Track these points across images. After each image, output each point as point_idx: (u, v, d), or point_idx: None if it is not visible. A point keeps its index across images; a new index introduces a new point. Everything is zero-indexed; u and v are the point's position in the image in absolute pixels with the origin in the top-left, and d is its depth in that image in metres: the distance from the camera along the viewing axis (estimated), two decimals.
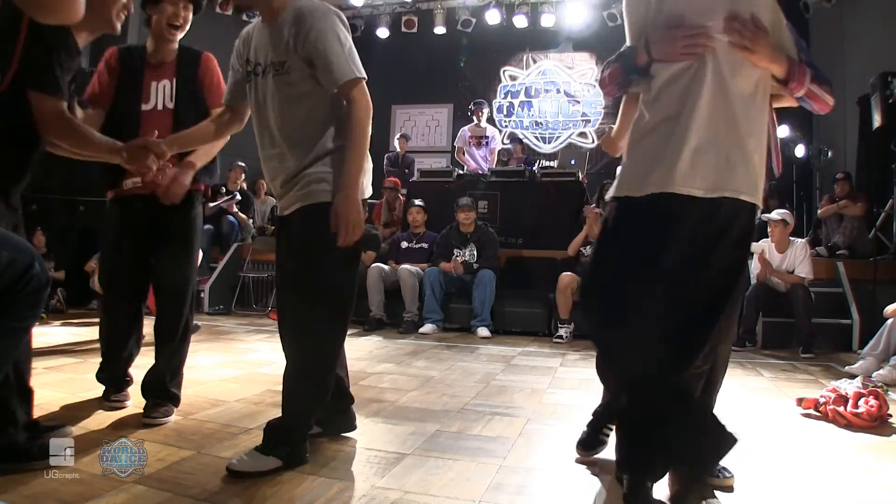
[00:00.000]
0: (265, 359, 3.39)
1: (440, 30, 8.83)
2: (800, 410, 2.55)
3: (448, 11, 8.82)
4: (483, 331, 4.69)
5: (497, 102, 9.54)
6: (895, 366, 3.18)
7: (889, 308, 3.37)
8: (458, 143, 6.95)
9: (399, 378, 3.01)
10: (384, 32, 8.99)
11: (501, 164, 6.75)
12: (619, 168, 1.55)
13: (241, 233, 6.56)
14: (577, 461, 1.85)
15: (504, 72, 9.64)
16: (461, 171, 6.48)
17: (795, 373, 3.55)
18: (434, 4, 8.82)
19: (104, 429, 1.99)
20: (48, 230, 5.40)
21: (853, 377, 2.92)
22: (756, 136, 1.43)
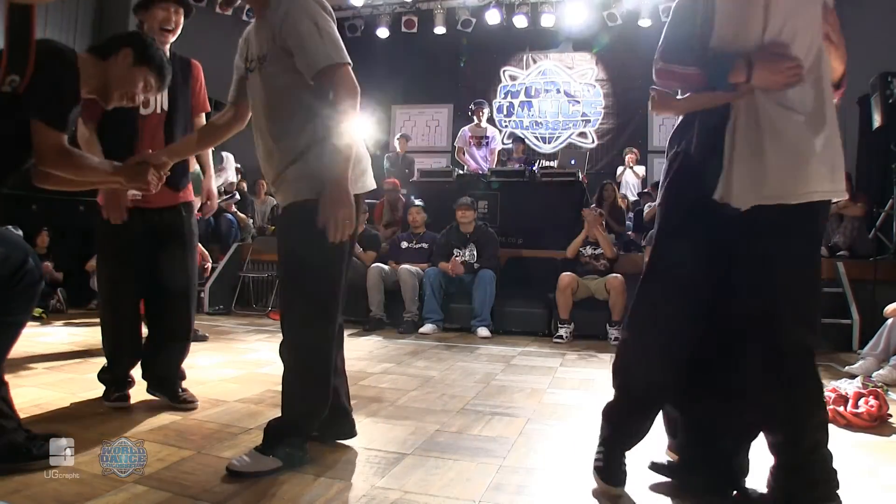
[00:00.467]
0: (265, 359, 3.39)
1: (440, 30, 8.83)
2: None
3: (448, 11, 8.82)
4: (483, 331, 4.69)
5: (497, 102, 9.55)
6: (895, 366, 3.18)
7: (889, 308, 3.37)
8: (459, 143, 6.95)
9: (399, 378, 3.01)
10: (384, 32, 8.99)
11: (500, 165, 6.75)
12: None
13: (241, 233, 6.57)
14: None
15: (504, 72, 9.64)
16: (461, 171, 6.48)
17: None
18: (434, 4, 8.82)
19: (104, 429, 1.99)
20: (48, 230, 5.41)
21: (853, 377, 2.92)
22: None
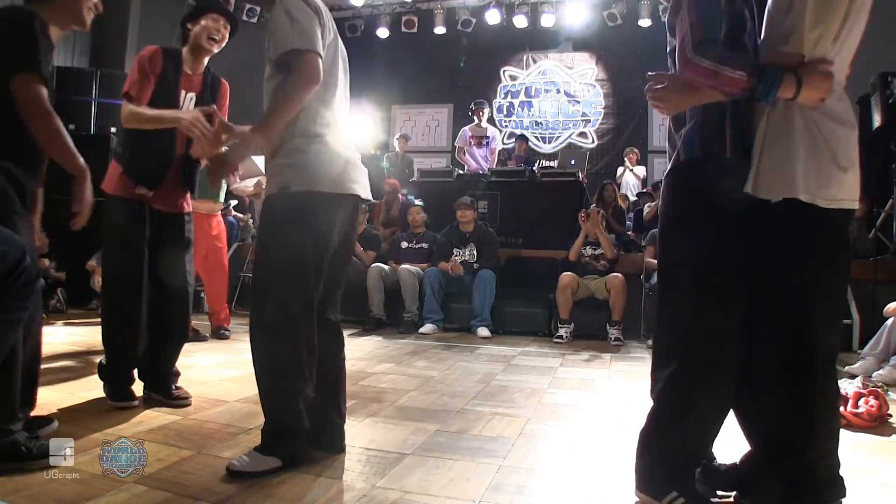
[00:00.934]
0: None
1: (440, 30, 8.82)
2: None
3: (448, 11, 8.81)
4: (483, 331, 4.69)
5: (497, 102, 9.55)
6: (895, 366, 3.18)
7: (889, 307, 3.37)
8: (459, 143, 6.95)
9: (399, 378, 3.01)
10: (384, 32, 8.98)
11: (501, 164, 6.75)
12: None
13: (241, 233, 6.56)
14: None
15: (504, 72, 9.64)
16: (461, 171, 6.48)
17: None
18: (434, 4, 8.81)
19: (104, 429, 1.99)
20: (48, 230, 5.39)
21: (853, 377, 2.91)
22: None
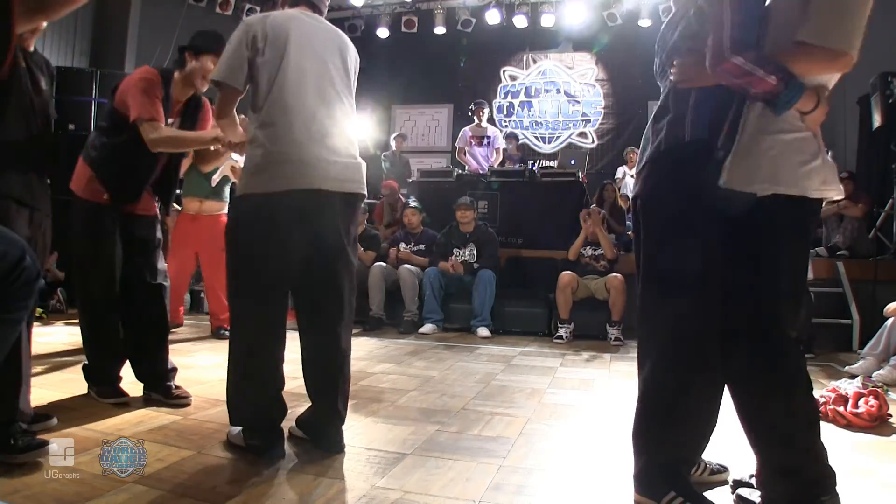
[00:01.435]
0: None
1: (440, 30, 8.82)
2: None
3: (448, 11, 8.81)
4: (483, 331, 4.69)
5: (497, 102, 9.54)
6: (895, 366, 3.18)
7: (889, 307, 3.37)
8: (459, 144, 6.93)
9: (399, 378, 3.01)
10: (384, 32, 8.98)
11: (500, 165, 6.73)
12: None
13: None
14: None
15: (504, 72, 9.64)
16: (461, 171, 6.47)
17: None
18: (434, 4, 8.81)
19: (104, 429, 1.99)
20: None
21: (853, 377, 2.92)
22: None
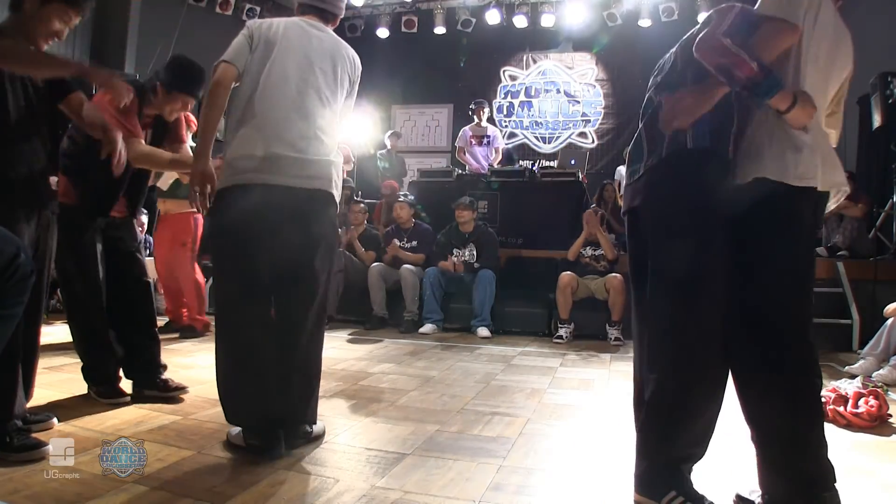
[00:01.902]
0: None
1: (440, 30, 8.81)
2: None
3: (448, 11, 8.80)
4: (483, 331, 4.69)
5: (497, 102, 9.54)
6: (895, 366, 3.18)
7: (889, 307, 3.37)
8: (459, 144, 6.93)
9: (399, 378, 3.01)
10: (384, 32, 8.97)
11: (498, 164, 6.72)
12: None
13: None
14: None
15: (504, 72, 9.64)
16: (461, 171, 6.47)
17: None
18: (434, 4, 8.81)
19: (104, 429, 1.99)
20: None
21: (853, 377, 2.92)
22: None
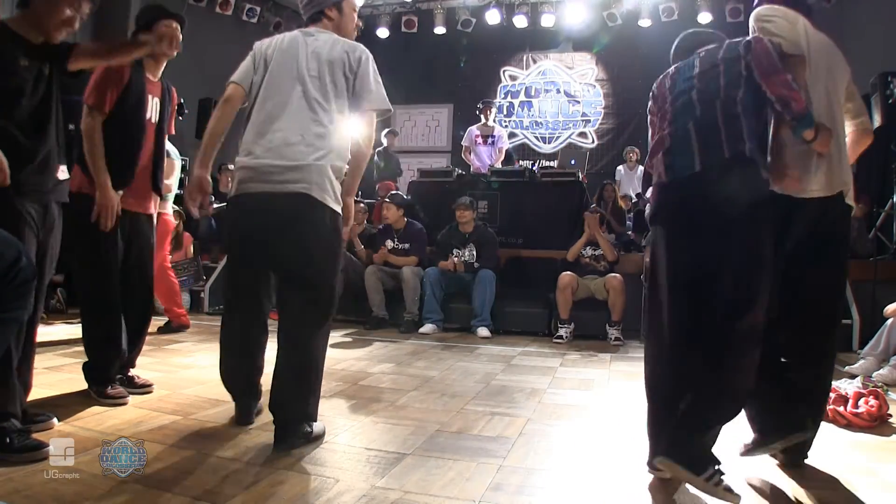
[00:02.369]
0: (265, 358, 3.38)
1: (440, 30, 8.82)
2: None
3: (448, 11, 8.81)
4: (483, 331, 4.69)
5: (497, 102, 9.54)
6: (895, 366, 3.18)
7: (889, 308, 3.37)
8: (465, 143, 6.91)
9: (399, 378, 3.01)
10: (384, 32, 8.98)
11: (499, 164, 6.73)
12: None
13: None
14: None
15: (504, 72, 9.64)
16: (461, 171, 6.46)
17: None
18: (434, 4, 8.81)
19: (104, 429, 1.99)
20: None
21: (853, 377, 2.92)
22: None
